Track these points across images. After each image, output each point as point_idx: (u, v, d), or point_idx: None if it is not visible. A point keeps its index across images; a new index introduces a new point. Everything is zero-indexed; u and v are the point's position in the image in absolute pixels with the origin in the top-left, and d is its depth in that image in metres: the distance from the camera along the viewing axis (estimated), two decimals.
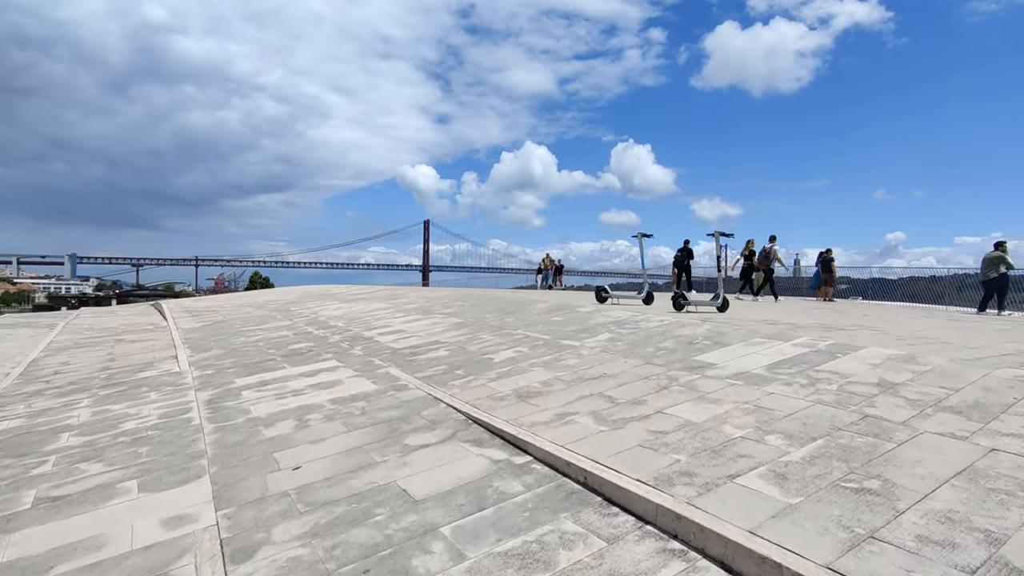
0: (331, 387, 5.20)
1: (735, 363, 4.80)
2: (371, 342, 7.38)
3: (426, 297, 11.96)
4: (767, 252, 14.45)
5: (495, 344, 6.47)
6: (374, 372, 5.65)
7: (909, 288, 19.46)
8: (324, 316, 10.52)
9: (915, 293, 18.74)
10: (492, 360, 5.70)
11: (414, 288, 15.28)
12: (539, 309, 8.77)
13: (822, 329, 6.32)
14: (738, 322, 6.78)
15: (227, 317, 11.61)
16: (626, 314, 7.73)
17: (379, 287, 17.09)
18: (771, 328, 6.24)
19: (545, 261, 28.85)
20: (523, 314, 8.51)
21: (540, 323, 7.59)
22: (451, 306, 10.10)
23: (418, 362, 5.96)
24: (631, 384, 4.45)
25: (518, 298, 10.38)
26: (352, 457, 3.50)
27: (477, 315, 8.80)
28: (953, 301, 18.11)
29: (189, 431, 4.24)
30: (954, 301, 18.06)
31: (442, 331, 7.70)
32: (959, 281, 19.41)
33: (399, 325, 8.55)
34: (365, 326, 8.76)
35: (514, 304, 9.57)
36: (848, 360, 4.64)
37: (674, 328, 6.48)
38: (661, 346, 5.66)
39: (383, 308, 10.79)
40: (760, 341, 5.53)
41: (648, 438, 3.32)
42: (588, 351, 5.72)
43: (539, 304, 9.25)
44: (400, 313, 9.81)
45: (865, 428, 3.22)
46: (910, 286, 20.16)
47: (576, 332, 6.74)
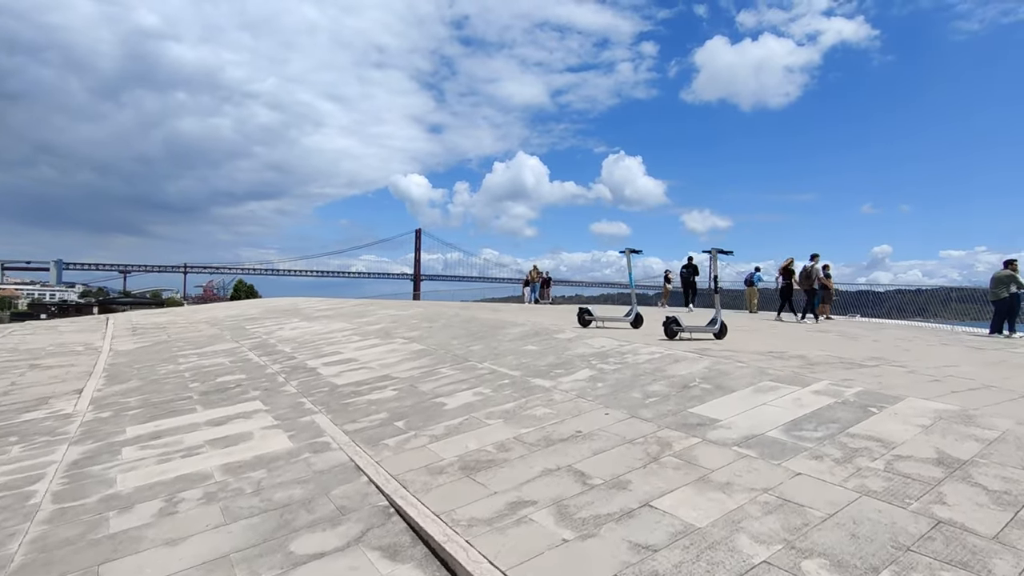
0: (234, 444, 4.12)
1: (744, 420, 3.78)
2: (312, 375, 6.30)
3: (394, 316, 10.89)
4: (808, 271, 13.53)
5: (453, 382, 5.42)
6: (296, 422, 4.58)
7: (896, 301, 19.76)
8: (276, 338, 9.41)
9: (901, 306, 18.82)
10: (444, 407, 4.64)
11: (387, 302, 14.22)
12: (513, 334, 7.74)
13: (840, 366, 5.33)
14: (740, 355, 5.79)
15: (172, 336, 10.46)
16: (611, 343, 6.71)
17: (352, 301, 15.98)
18: (780, 365, 5.24)
19: (532, 273, 27.88)
20: (494, 340, 7.47)
21: (511, 353, 6.55)
22: (417, 328, 9.04)
23: (355, 406, 4.89)
24: (611, 451, 3.42)
25: (493, 320, 9.35)
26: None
27: (443, 340, 7.75)
28: (938, 314, 18.23)
29: (15, 518, 3.14)
30: (939, 314, 18.15)
31: (397, 361, 6.64)
32: (944, 294, 19.58)
33: (352, 352, 7.47)
34: (314, 352, 7.67)
35: (487, 327, 8.54)
36: (887, 418, 3.64)
37: (666, 364, 5.47)
38: (650, 390, 4.64)
39: (343, 329, 9.71)
40: (771, 385, 4.52)
41: (629, 559, 2.27)
42: (562, 395, 4.68)
43: (514, 328, 8.22)
44: (358, 336, 8.73)
45: (944, 548, 2.20)
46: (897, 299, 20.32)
47: (551, 367, 5.71)
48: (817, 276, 13.61)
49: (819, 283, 13.70)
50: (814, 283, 13.52)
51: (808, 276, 13.61)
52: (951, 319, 17.58)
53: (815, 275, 13.60)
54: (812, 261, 13.86)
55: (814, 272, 13.63)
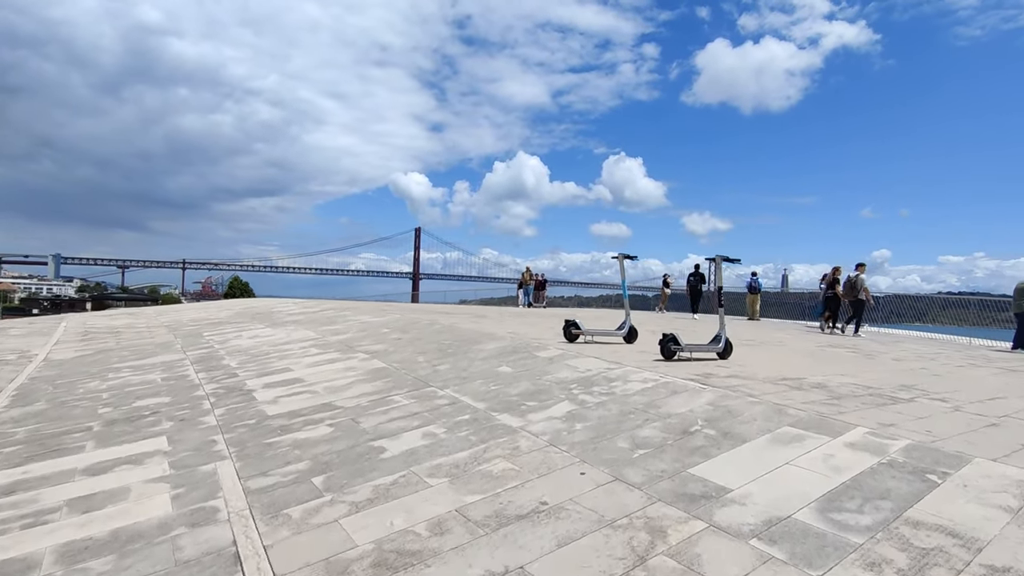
0: (99, 508, 3.17)
1: (762, 490, 2.84)
2: (245, 400, 5.35)
3: (365, 325, 9.94)
4: (853, 282, 13.11)
5: (404, 416, 4.48)
6: (195, 472, 3.63)
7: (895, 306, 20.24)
8: (228, 348, 8.46)
9: (900, 312, 18.84)
10: (382, 454, 3.70)
11: (366, 306, 13.31)
12: (488, 351, 6.79)
13: (870, 401, 4.40)
14: (749, 383, 4.85)
15: (121, 344, 9.50)
16: (598, 364, 5.78)
17: (330, 303, 15.02)
18: (799, 399, 4.31)
19: (525, 275, 26.94)
20: (465, 358, 6.53)
21: (481, 376, 5.61)
22: (384, 340, 8.09)
23: (276, 449, 3.95)
24: (582, 541, 2.48)
25: (471, 332, 8.41)
26: None
27: (407, 357, 6.80)
28: (937, 319, 18.10)
29: None
30: (937, 319, 18.05)
31: (348, 383, 5.69)
32: (943, 299, 19.91)
33: (302, 369, 6.52)
34: (259, 369, 6.72)
35: (462, 341, 7.59)
36: (956, 494, 2.71)
37: (662, 396, 4.53)
38: (641, 436, 3.70)
39: (304, 340, 8.76)
40: (793, 434, 3.59)
41: None
42: (529, 441, 3.74)
43: (491, 343, 7.28)
44: (317, 349, 7.78)
45: None
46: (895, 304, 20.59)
47: (523, 398, 4.77)
48: (863, 287, 13.17)
49: (862, 292, 13.19)
50: (859, 294, 13.08)
51: (853, 287, 13.18)
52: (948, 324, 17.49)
53: (860, 285, 13.16)
54: (857, 271, 13.37)
55: (859, 282, 13.19)
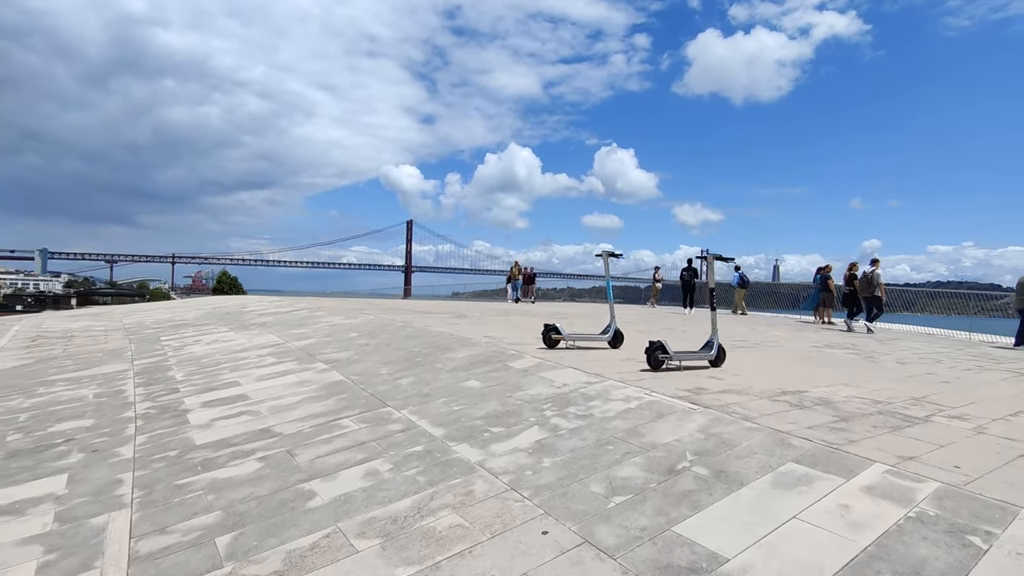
0: None
1: (767, 564, 2.26)
2: (176, 423, 4.71)
3: (333, 328, 9.30)
4: (869, 277, 13.08)
5: (348, 447, 3.87)
6: (81, 527, 3.00)
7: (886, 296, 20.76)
8: (181, 357, 7.80)
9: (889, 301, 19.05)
10: (310, 501, 3.09)
11: (340, 306, 12.71)
12: (459, 360, 6.18)
13: (882, 422, 3.84)
14: (745, 399, 4.28)
15: (68, 351, 8.81)
16: (577, 377, 5.19)
17: (304, 302, 14.31)
18: (803, 421, 3.74)
19: (514, 269, 26.33)
20: (432, 368, 5.91)
21: (445, 393, 5.00)
22: (350, 347, 7.46)
23: (189, 491, 3.33)
24: None
25: (445, 336, 7.80)
26: None
27: (369, 368, 6.18)
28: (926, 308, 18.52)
29: None
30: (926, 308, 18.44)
31: (297, 402, 5.07)
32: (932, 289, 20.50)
33: (251, 384, 5.89)
34: (206, 383, 6.07)
35: (433, 348, 6.98)
36: (1010, 567, 2.15)
37: (646, 420, 3.95)
38: (619, 477, 3.11)
39: (264, 346, 8.11)
40: (799, 473, 3.01)
41: None
42: (487, 484, 3.14)
43: (464, 350, 6.67)
44: (274, 358, 7.14)
45: None
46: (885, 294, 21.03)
47: (487, 422, 4.17)
48: (878, 282, 13.06)
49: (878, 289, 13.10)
50: (875, 290, 12.99)
51: (870, 282, 13.06)
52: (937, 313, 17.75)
53: (876, 281, 13.06)
54: (872, 266, 13.22)
55: (876, 278, 13.07)
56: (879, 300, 13.00)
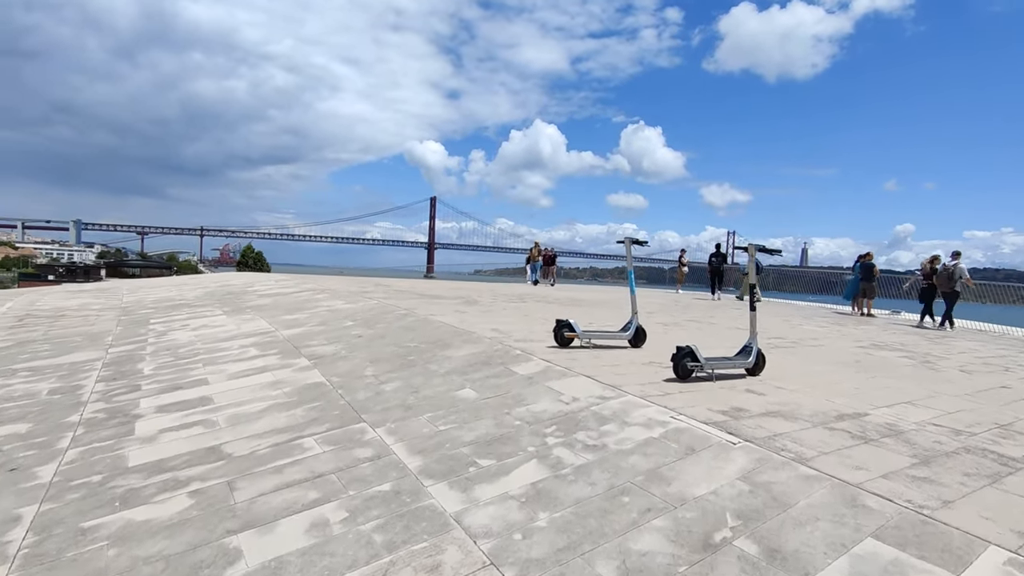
0: None
1: None
2: (119, 434, 4.05)
3: (331, 313, 8.63)
4: (950, 272, 12.28)
5: (302, 481, 3.14)
6: None
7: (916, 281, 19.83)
8: (161, 344, 7.20)
9: None
10: (227, 571, 2.38)
11: (344, 289, 12.12)
12: (456, 361, 5.43)
13: (976, 467, 2.97)
14: (794, 424, 3.43)
15: (48, 334, 8.31)
16: (590, 388, 4.39)
17: (313, 281, 13.68)
18: (874, 463, 2.88)
19: (533, 251, 25.46)
20: (425, 370, 5.17)
21: (431, 405, 4.25)
22: (342, 338, 6.76)
23: (89, 542, 2.64)
24: None
25: (449, 328, 7.05)
26: None
27: (355, 367, 5.46)
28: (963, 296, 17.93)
29: None
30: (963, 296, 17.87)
31: (261, 411, 4.37)
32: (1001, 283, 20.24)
33: (221, 383, 5.22)
34: (173, 380, 5.43)
35: (431, 343, 6.24)
36: None
37: (673, 457, 3.14)
38: (636, 552, 2.32)
39: (251, 335, 7.47)
40: (885, 558, 2.18)
41: None
42: (458, 555, 2.38)
43: (465, 348, 5.91)
44: (258, 349, 6.48)
45: None
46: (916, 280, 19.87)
47: (476, 450, 3.41)
48: (961, 276, 12.19)
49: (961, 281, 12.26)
50: (956, 284, 12.15)
51: (951, 277, 12.17)
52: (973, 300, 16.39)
53: (959, 275, 12.16)
54: (954, 260, 12.30)
55: (958, 272, 12.16)
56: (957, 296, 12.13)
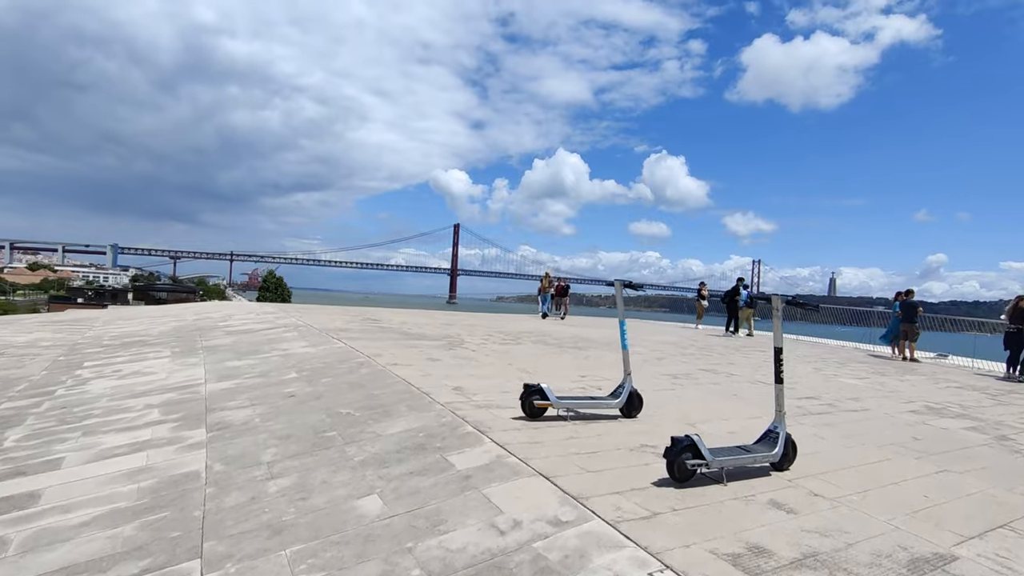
0: None
1: None
2: None
3: (284, 359, 7.47)
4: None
5: None
6: None
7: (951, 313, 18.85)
8: (67, 398, 6.09)
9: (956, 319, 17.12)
10: None
11: (328, 323, 11.06)
12: (381, 444, 4.16)
13: None
14: None
15: None
16: (542, 505, 3.08)
17: (296, 313, 12.63)
18: None
19: (543, 281, 24.20)
20: (338, 456, 3.92)
21: (306, 530, 2.98)
22: (268, 398, 5.56)
23: None
24: None
25: (401, 386, 5.83)
26: None
27: (255, 446, 4.23)
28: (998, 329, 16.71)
29: None
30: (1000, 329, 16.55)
31: (80, 525, 3.15)
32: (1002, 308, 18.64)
33: (72, 468, 4.02)
34: (26, 456, 4.25)
35: (369, 409, 5.00)
36: None
37: None
38: None
39: (169, 389, 6.33)
40: None
41: None
42: None
43: (401, 421, 4.65)
44: (160, 412, 5.30)
45: None
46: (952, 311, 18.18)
47: None
48: None
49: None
50: None
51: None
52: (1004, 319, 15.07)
53: None
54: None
55: None
56: None
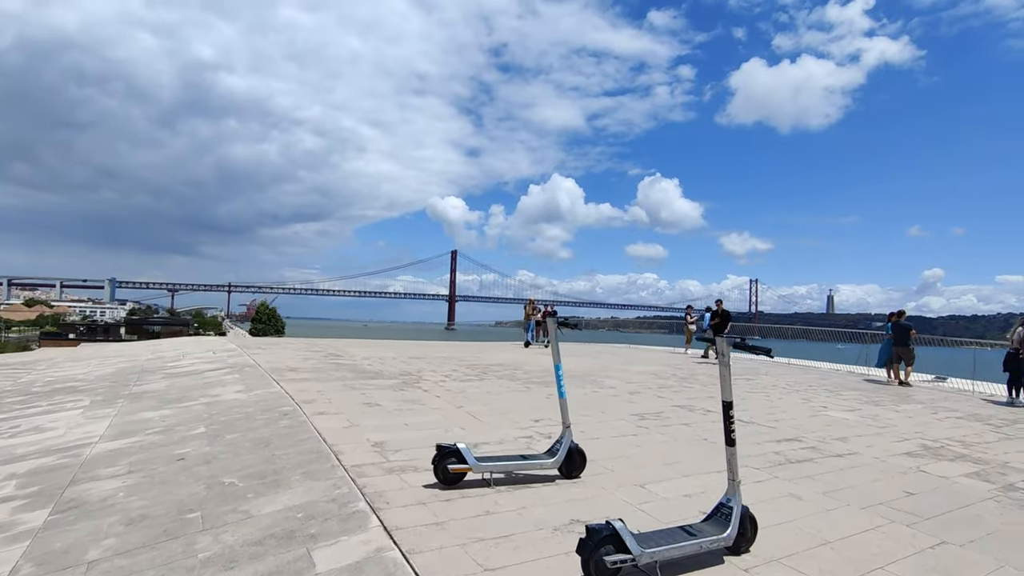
0: None
1: None
2: None
3: (208, 407, 6.69)
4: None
5: None
6: None
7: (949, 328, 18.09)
8: None
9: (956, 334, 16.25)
10: None
11: (285, 360, 10.33)
12: (240, 532, 3.37)
13: None
14: None
15: None
16: None
17: (255, 349, 11.87)
18: None
19: (527, 308, 23.46)
20: (181, 551, 3.13)
21: None
22: (151, 463, 4.75)
23: None
24: None
25: (308, 447, 5.07)
26: None
27: (85, 539, 3.46)
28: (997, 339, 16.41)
29: None
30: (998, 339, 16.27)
31: None
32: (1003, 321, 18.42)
33: None
34: None
35: (252, 480, 4.22)
36: None
37: None
38: None
39: (44, 453, 5.56)
40: None
41: None
42: None
43: (281, 497, 3.87)
44: (17, 486, 4.54)
45: None
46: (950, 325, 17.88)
47: None
48: None
49: None
50: None
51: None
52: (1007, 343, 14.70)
53: None
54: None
55: None
56: None
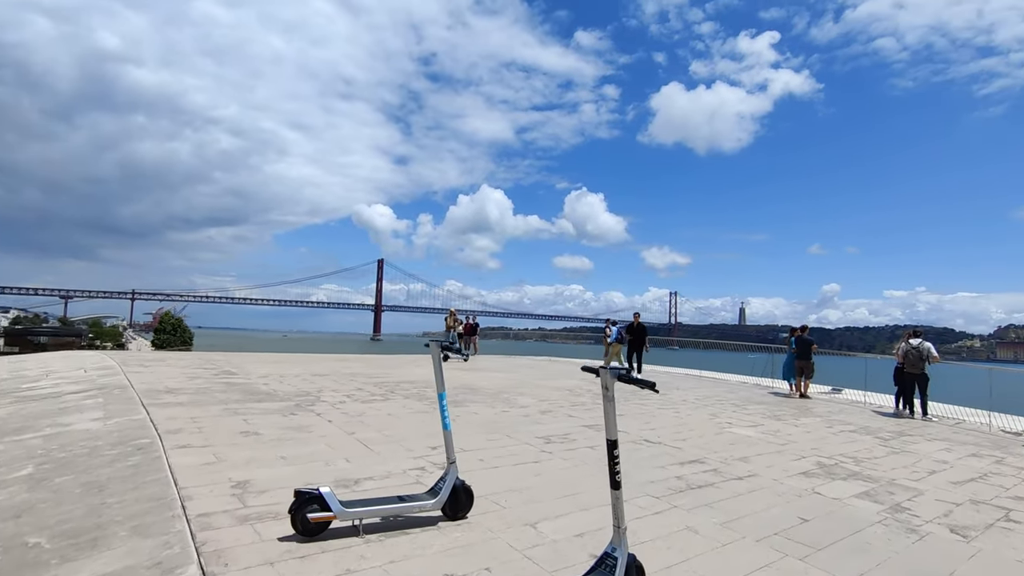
0: None
1: None
2: None
3: (46, 439, 5.68)
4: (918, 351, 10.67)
5: None
6: None
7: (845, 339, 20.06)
8: None
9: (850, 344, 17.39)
10: None
11: (165, 380, 9.22)
12: None
13: None
14: None
15: None
16: None
17: (137, 364, 10.52)
18: None
19: (448, 319, 22.92)
20: None
21: None
22: None
23: None
24: None
25: (152, 491, 4.38)
26: None
27: None
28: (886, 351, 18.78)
29: None
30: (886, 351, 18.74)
31: None
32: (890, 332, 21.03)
33: None
34: None
35: (61, 542, 3.48)
36: None
37: None
38: None
39: None
40: None
41: None
42: None
43: (93, 562, 3.19)
44: None
45: None
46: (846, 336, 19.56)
47: None
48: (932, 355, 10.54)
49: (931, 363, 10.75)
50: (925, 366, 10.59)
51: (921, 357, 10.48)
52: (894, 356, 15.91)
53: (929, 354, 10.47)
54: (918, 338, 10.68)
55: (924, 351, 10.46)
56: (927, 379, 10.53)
